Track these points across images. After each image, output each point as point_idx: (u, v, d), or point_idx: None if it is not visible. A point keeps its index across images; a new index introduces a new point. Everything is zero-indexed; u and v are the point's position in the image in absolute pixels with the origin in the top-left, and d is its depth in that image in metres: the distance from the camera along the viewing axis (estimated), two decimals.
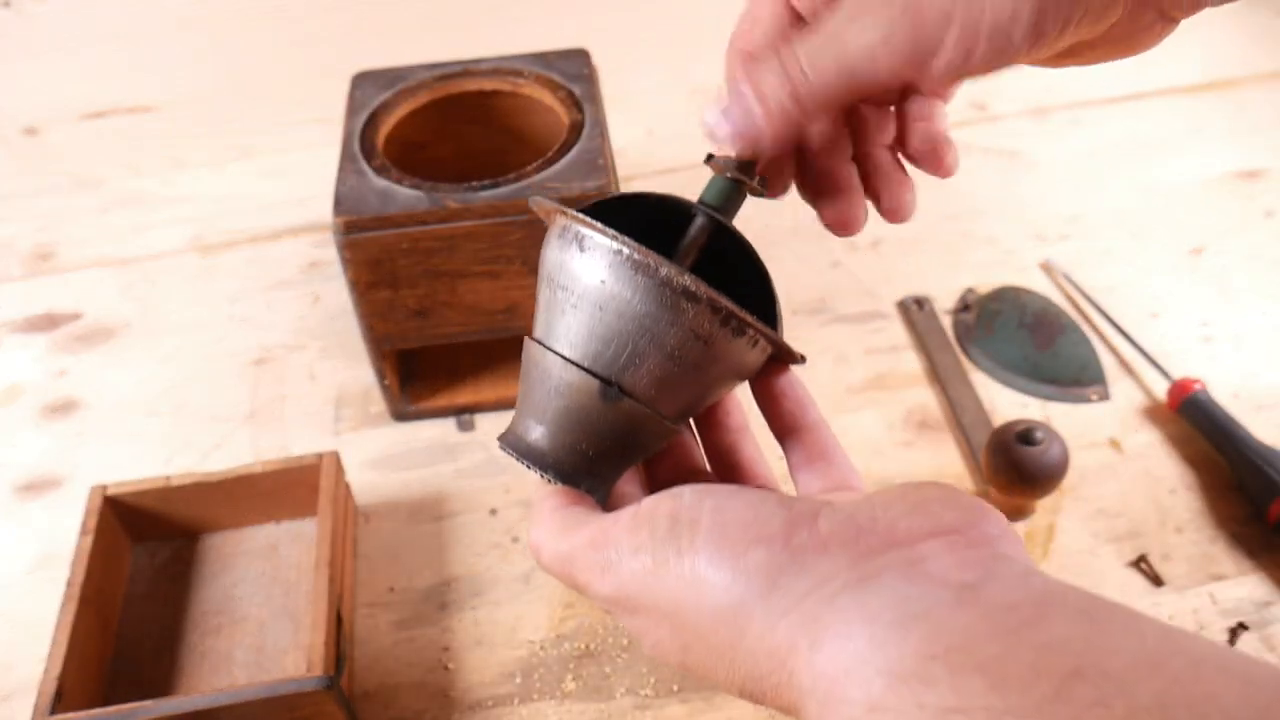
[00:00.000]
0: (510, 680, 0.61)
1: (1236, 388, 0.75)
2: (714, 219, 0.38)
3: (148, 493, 0.64)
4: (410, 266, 0.66)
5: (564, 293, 0.36)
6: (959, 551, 0.29)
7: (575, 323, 0.36)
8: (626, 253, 0.34)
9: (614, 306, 0.34)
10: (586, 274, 0.35)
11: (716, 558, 0.30)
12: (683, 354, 0.35)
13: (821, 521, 0.30)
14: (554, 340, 0.37)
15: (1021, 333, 0.78)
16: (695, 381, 0.36)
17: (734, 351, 0.35)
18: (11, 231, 0.97)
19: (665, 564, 0.31)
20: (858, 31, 0.33)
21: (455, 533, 0.69)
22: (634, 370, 0.35)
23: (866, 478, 0.70)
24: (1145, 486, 0.69)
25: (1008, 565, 0.28)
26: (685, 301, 0.34)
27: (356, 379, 0.80)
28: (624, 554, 0.32)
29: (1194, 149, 0.97)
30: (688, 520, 0.31)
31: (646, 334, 0.34)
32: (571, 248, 0.35)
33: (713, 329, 0.34)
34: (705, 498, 0.32)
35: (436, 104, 0.74)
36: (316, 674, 0.54)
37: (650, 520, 0.32)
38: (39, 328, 0.87)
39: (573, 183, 0.65)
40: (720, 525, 0.31)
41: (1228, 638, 0.61)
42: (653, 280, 0.34)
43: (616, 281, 0.34)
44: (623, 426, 0.36)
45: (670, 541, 0.31)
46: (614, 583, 0.33)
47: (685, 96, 1.08)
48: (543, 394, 0.37)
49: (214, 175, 1.02)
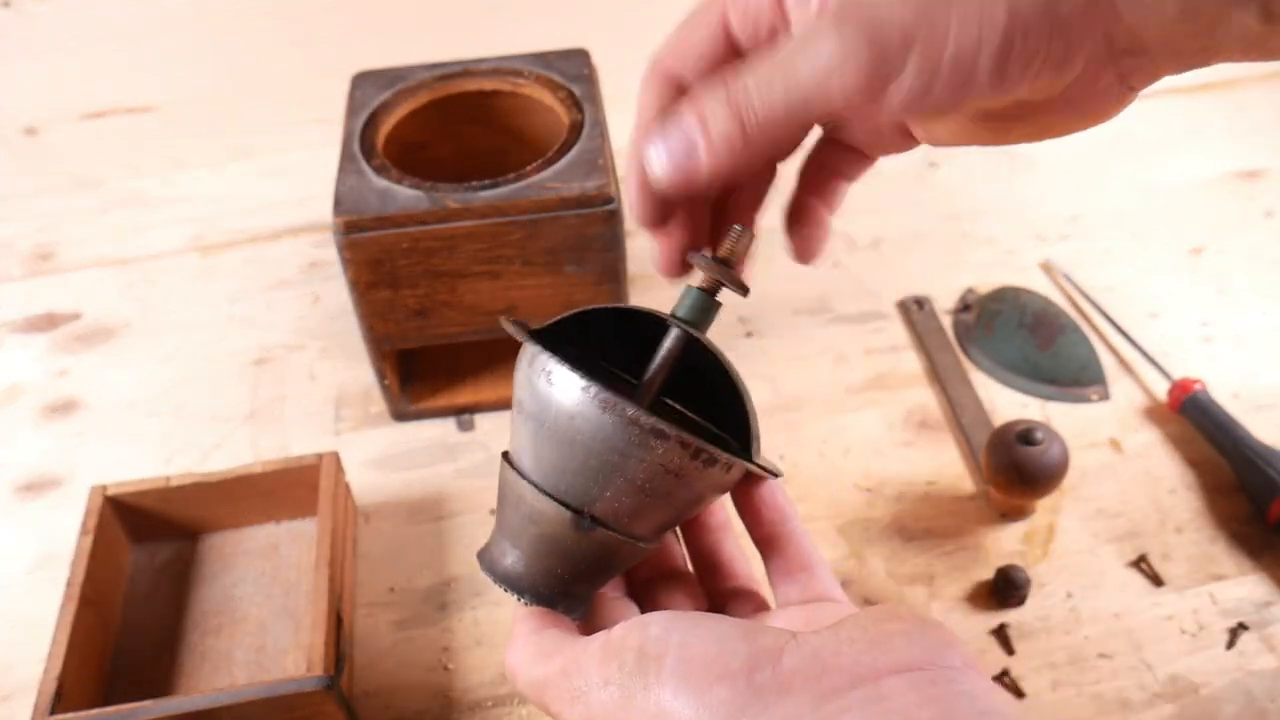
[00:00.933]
0: (510, 681, 0.61)
1: (1236, 387, 0.75)
2: (688, 334, 0.37)
3: (148, 493, 0.64)
4: (410, 266, 0.66)
5: (534, 422, 0.36)
6: (921, 689, 0.29)
7: (547, 452, 0.36)
8: (594, 391, 0.34)
9: (583, 441, 0.35)
10: (556, 407, 0.35)
11: (680, 693, 0.31)
12: (654, 487, 0.35)
13: (786, 658, 0.31)
14: (527, 467, 0.37)
15: (1021, 333, 0.78)
16: (669, 508, 0.36)
17: (707, 478, 0.36)
18: (12, 231, 0.97)
19: (632, 698, 0.32)
20: (811, 56, 0.31)
21: (455, 533, 0.69)
22: (606, 501, 0.35)
23: (866, 477, 0.70)
24: (1145, 486, 0.69)
25: (969, 702, 0.29)
26: (653, 439, 0.34)
27: (356, 379, 0.80)
28: (593, 685, 0.33)
29: (1194, 149, 0.97)
30: (654, 654, 0.32)
31: (616, 470, 0.35)
32: (541, 379, 0.35)
33: (683, 463, 0.35)
34: (672, 631, 0.32)
35: (436, 104, 0.74)
36: (316, 674, 0.54)
37: (619, 653, 0.33)
38: (39, 328, 0.87)
39: (573, 183, 0.65)
40: (685, 660, 0.31)
41: (1228, 638, 0.61)
42: (620, 419, 0.34)
43: (585, 418, 0.34)
44: (596, 552, 0.37)
45: (638, 676, 0.32)
46: (584, 713, 0.33)
47: None
48: (517, 519, 0.37)
49: (214, 175, 1.02)
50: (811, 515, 0.69)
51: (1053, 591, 0.64)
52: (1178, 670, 0.60)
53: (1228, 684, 0.59)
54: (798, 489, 0.70)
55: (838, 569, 0.66)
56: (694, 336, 0.37)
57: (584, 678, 0.33)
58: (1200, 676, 0.59)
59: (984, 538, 0.67)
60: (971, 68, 0.30)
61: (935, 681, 0.29)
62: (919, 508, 0.69)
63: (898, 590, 0.64)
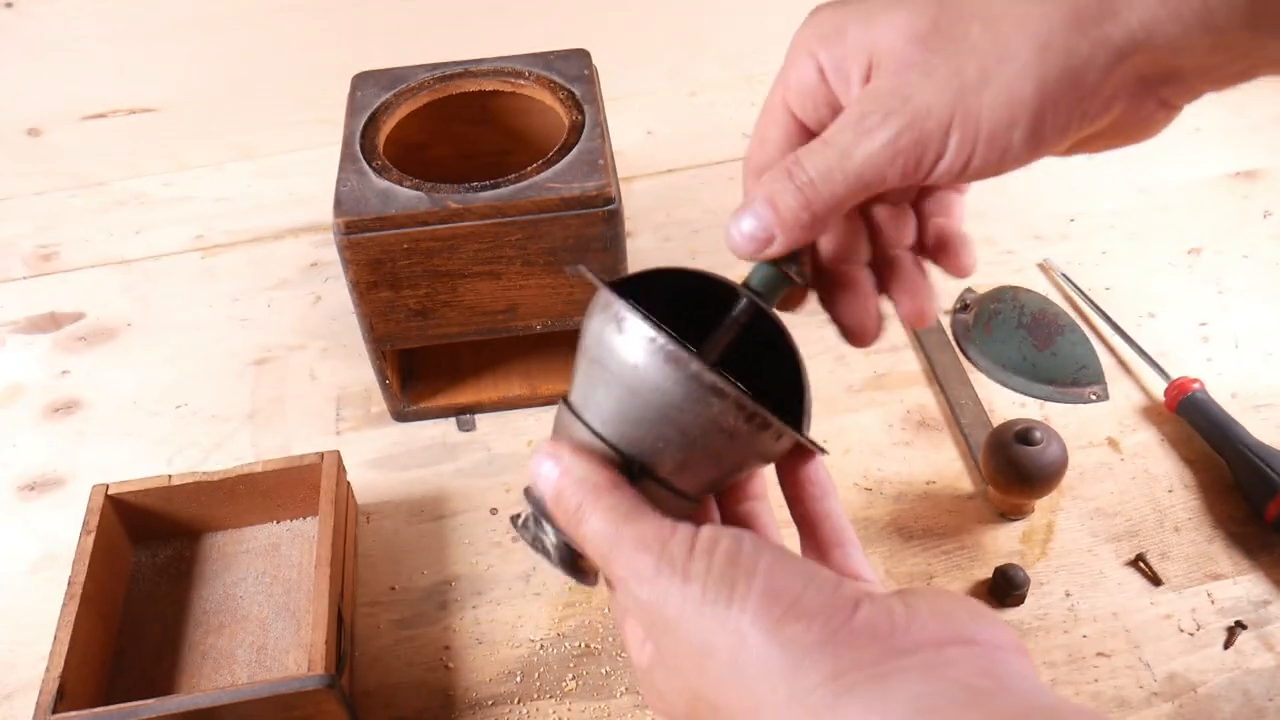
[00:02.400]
0: (511, 679, 0.62)
1: (1234, 387, 0.75)
2: (755, 304, 0.39)
3: (149, 492, 0.65)
4: (411, 267, 0.66)
5: (599, 368, 0.37)
6: (980, 662, 0.31)
7: (606, 399, 0.37)
8: (661, 342, 0.35)
9: (644, 391, 0.35)
10: (622, 355, 0.36)
11: (761, 618, 0.31)
12: (706, 444, 0.36)
13: (861, 611, 0.32)
14: (585, 410, 0.38)
15: (1020, 333, 0.78)
16: (717, 468, 0.37)
17: (758, 443, 0.36)
18: (14, 231, 0.97)
19: (714, 604, 0.32)
20: (861, 141, 0.34)
21: (456, 532, 0.70)
22: (657, 453, 0.36)
23: (866, 478, 0.71)
24: (1143, 486, 0.69)
25: (1022, 680, 0.30)
26: (712, 396, 0.35)
27: (357, 379, 0.80)
28: (677, 573, 0.33)
29: (1192, 149, 0.97)
30: (746, 567, 0.32)
31: (672, 422, 0.35)
32: (610, 326, 0.36)
33: (737, 424, 0.35)
34: (763, 550, 0.33)
35: (437, 104, 0.74)
36: (318, 673, 0.55)
37: (709, 551, 0.33)
38: (41, 327, 0.87)
39: (573, 183, 0.65)
40: (773, 587, 0.32)
41: (1226, 637, 0.61)
42: (683, 373, 0.35)
43: (649, 368, 0.35)
44: None
45: (725, 583, 0.32)
46: (659, 595, 0.33)
47: (685, 96, 1.09)
48: None
49: (215, 175, 1.03)
50: None
51: (1051, 590, 0.64)
52: (1176, 669, 0.60)
53: (1225, 683, 0.59)
54: None
55: None
56: (762, 308, 0.38)
57: (668, 560, 0.33)
58: (1198, 675, 0.59)
59: (983, 537, 0.67)
60: (1006, 142, 0.33)
61: (993, 658, 0.31)
62: (918, 507, 0.69)
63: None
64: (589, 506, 0.35)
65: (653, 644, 0.35)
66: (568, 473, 0.36)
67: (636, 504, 0.35)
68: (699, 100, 1.08)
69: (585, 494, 0.35)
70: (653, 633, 0.35)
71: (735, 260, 0.39)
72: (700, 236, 0.91)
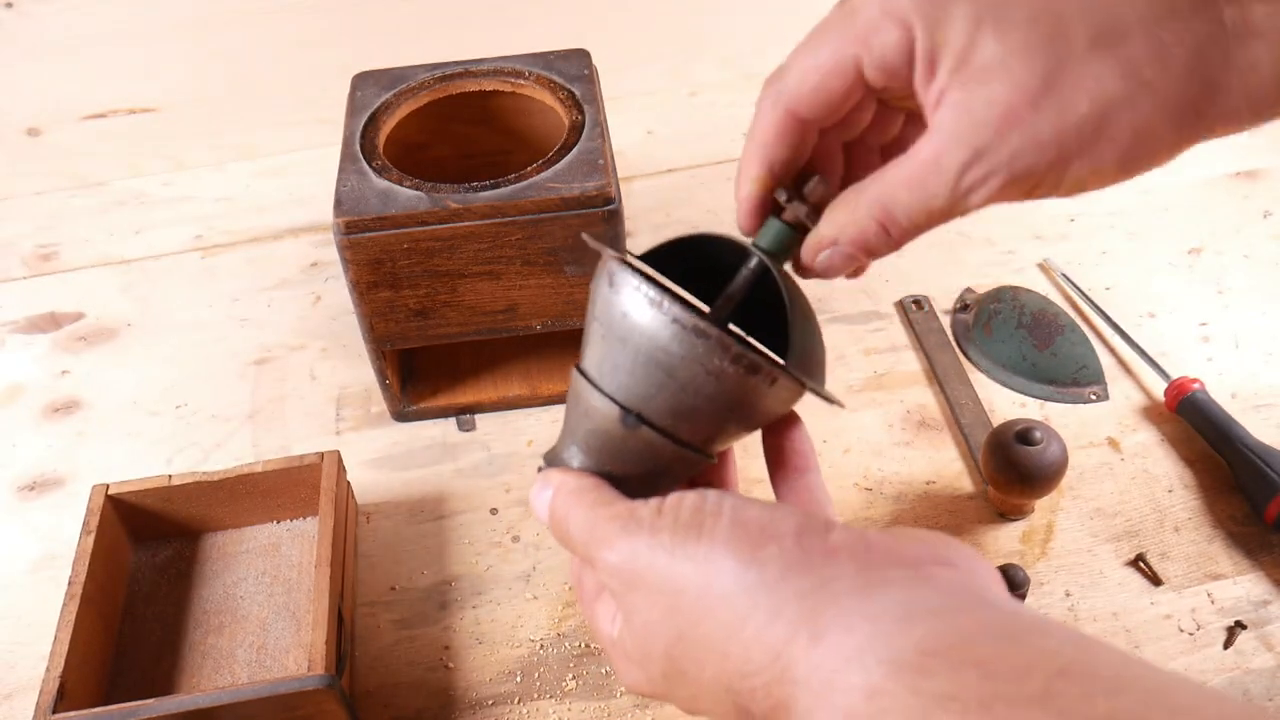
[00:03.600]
0: (511, 679, 0.62)
1: (1235, 387, 0.75)
2: (764, 261, 0.40)
3: (149, 492, 0.65)
4: (410, 267, 0.66)
5: (597, 324, 0.39)
6: (961, 578, 0.31)
7: (604, 353, 0.38)
8: (645, 289, 0.37)
9: (634, 340, 0.37)
10: (614, 308, 0.38)
11: (733, 546, 0.32)
12: (697, 387, 0.37)
13: (834, 533, 0.32)
14: (588, 367, 0.39)
15: (1020, 333, 0.78)
16: (714, 414, 0.38)
17: (750, 388, 0.37)
18: (14, 231, 0.97)
19: (683, 545, 0.33)
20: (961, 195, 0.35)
21: (456, 532, 0.70)
22: (652, 400, 0.37)
23: (865, 478, 0.71)
24: (1143, 486, 0.69)
25: (1003, 596, 0.31)
26: (695, 338, 0.36)
27: (357, 379, 0.80)
28: (644, 529, 0.34)
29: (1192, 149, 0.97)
30: (710, 512, 0.33)
31: (662, 368, 0.37)
32: (604, 282, 0.38)
33: (723, 365, 0.36)
34: (726, 498, 0.34)
35: (437, 104, 0.74)
36: (318, 673, 0.55)
37: (675, 508, 0.34)
38: (41, 327, 0.87)
39: (573, 183, 0.65)
40: (740, 521, 0.33)
41: (1226, 636, 0.61)
42: (666, 317, 0.36)
43: (636, 316, 0.37)
44: (644, 452, 0.38)
45: (691, 529, 0.33)
46: (627, 552, 0.34)
47: (685, 96, 1.09)
48: (576, 415, 0.40)
49: (215, 175, 1.03)
50: None
51: (1051, 590, 0.64)
52: (1176, 669, 0.60)
53: (1225, 683, 0.59)
54: None
55: None
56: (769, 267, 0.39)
57: (636, 522, 0.34)
58: (1198, 675, 0.59)
59: (983, 537, 0.67)
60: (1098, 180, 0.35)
61: (972, 577, 0.32)
62: (918, 507, 0.69)
63: None
64: (574, 505, 0.37)
65: (623, 609, 0.36)
66: (559, 489, 0.38)
67: (617, 496, 0.37)
68: (699, 100, 1.08)
69: (573, 500, 0.37)
70: (625, 596, 0.35)
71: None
72: None
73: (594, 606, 0.39)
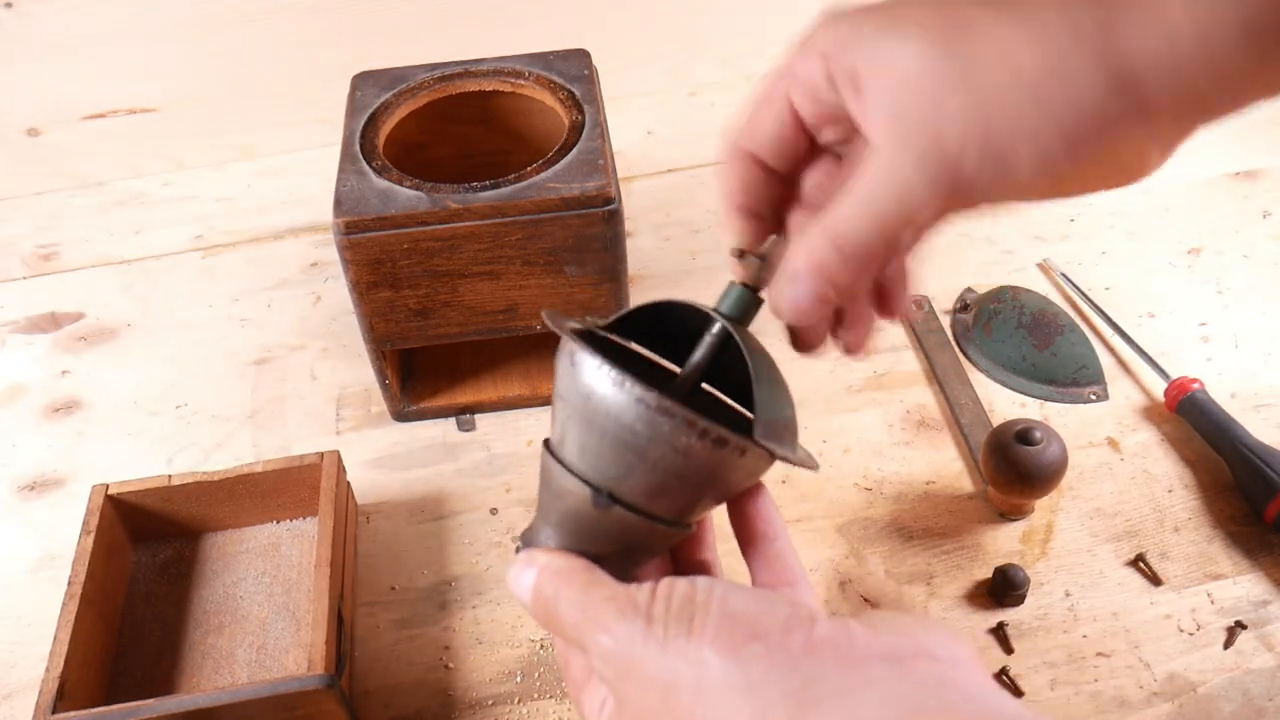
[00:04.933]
0: (511, 679, 0.62)
1: (1234, 387, 0.75)
2: (726, 327, 0.39)
3: (149, 492, 0.65)
4: (410, 267, 0.66)
5: (563, 403, 0.38)
6: (944, 671, 0.31)
7: (573, 433, 0.38)
8: (607, 370, 0.36)
9: (599, 421, 0.37)
10: (577, 388, 0.37)
11: (719, 644, 0.32)
12: (667, 465, 0.36)
13: (819, 626, 0.32)
14: (559, 447, 0.39)
15: (1020, 333, 0.78)
16: (689, 489, 0.38)
17: (721, 461, 0.37)
18: (14, 231, 0.97)
19: (674, 639, 0.33)
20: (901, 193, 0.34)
21: (456, 532, 0.70)
22: (623, 480, 0.37)
23: (865, 478, 0.71)
24: (1143, 486, 0.69)
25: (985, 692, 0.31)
26: (660, 417, 0.36)
27: (357, 379, 0.80)
28: (640, 616, 0.34)
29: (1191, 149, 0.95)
30: (700, 602, 0.34)
31: (629, 447, 0.36)
32: (565, 362, 0.38)
33: (690, 442, 0.36)
34: (717, 584, 0.34)
35: (437, 105, 0.74)
36: (318, 673, 0.55)
37: (667, 596, 0.34)
38: (41, 327, 0.87)
39: (573, 183, 0.65)
40: (729, 613, 0.33)
41: (1225, 637, 0.61)
42: (628, 397, 0.36)
43: (600, 397, 0.36)
44: (620, 531, 0.38)
45: (683, 619, 0.33)
46: (624, 639, 0.34)
47: (685, 96, 1.09)
48: (549, 496, 0.40)
49: (215, 175, 1.03)
50: (811, 514, 0.69)
51: (1051, 590, 0.64)
52: (1175, 669, 0.60)
53: (1225, 683, 0.59)
54: (798, 488, 0.70)
55: (837, 568, 0.66)
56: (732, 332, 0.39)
57: (632, 607, 0.34)
58: (1198, 675, 0.59)
59: (982, 537, 0.67)
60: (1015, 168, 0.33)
61: (955, 671, 0.31)
62: (918, 507, 0.69)
63: (897, 589, 0.65)
64: (564, 586, 0.37)
65: (615, 697, 0.36)
66: (544, 569, 0.38)
67: (608, 578, 0.37)
68: (699, 100, 1.08)
69: (561, 581, 0.37)
70: (618, 683, 0.35)
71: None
72: (700, 237, 0.91)
73: (582, 692, 0.39)
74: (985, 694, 0.31)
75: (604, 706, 0.37)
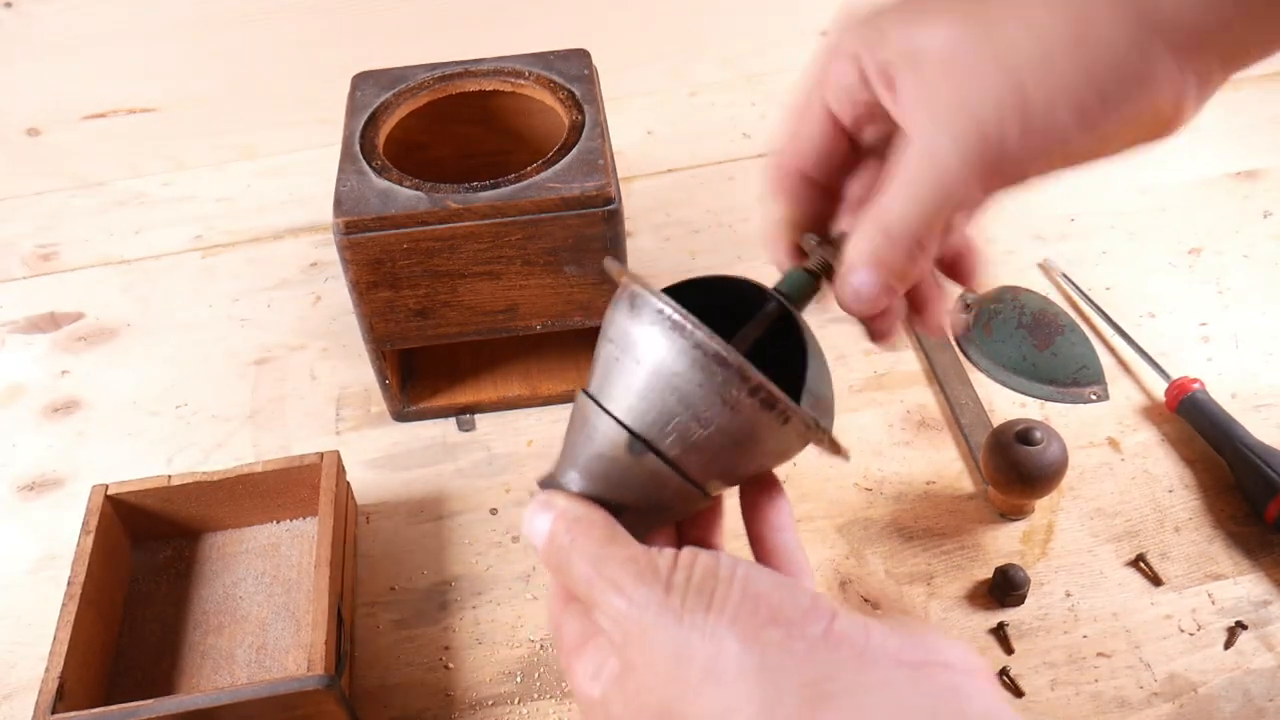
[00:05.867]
0: (511, 679, 0.62)
1: (1235, 387, 0.75)
2: (783, 306, 0.40)
3: (149, 492, 0.65)
4: (410, 266, 0.66)
5: (611, 346, 0.38)
6: (957, 680, 0.31)
7: (617, 376, 0.37)
8: (668, 313, 0.36)
9: (650, 363, 0.36)
10: (633, 330, 0.37)
11: (739, 625, 0.32)
12: (711, 418, 0.36)
13: (838, 620, 0.32)
14: (597, 390, 0.38)
15: (1020, 333, 0.78)
16: (723, 449, 0.37)
17: (763, 423, 0.36)
18: (13, 231, 0.97)
19: (693, 612, 0.32)
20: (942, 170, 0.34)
21: (456, 532, 0.70)
22: (663, 428, 0.36)
23: (865, 478, 0.71)
24: (1144, 486, 0.69)
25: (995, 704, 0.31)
26: (716, 366, 0.35)
27: (357, 379, 0.80)
28: (660, 582, 0.33)
29: (1192, 149, 0.97)
30: (724, 577, 0.33)
31: (677, 393, 0.36)
32: (624, 305, 0.38)
33: (740, 396, 0.35)
34: (740, 563, 0.34)
35: (437, 104, 0.74)
36: (317, 673, 0.55)
37: (689, 566, 0.34)
38: (41, 327, 0.87)
39: (573, 183, 0.65)
40: (751, 595, 0.32)
41: (1226, 637, 0.61)
42: (687, 342, 0.35)
43: (656, 339, 0.36)
44: (647, 483, 0.37)
45: (704, 592, 0.33)
46: (640, 602, 0.33)
47: (685, 96, 1.09)
48: (579, 439, 0.39)
49: (215, 175, 1.02)
50: (811, 515, 0.69)
51: (1051, 590, 0.64)
52: (1176, 669, 0.60)
53: (1226, 683, 0.59)
54: (798, 488, 0.70)
55: (838, 568, 0.66)
56: (788, 310, 0.39)
57: (651, 572, 0.34)
58: (1198, 675, 0.59)
59: (983, 537, 0.67)
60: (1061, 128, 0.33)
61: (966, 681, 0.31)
62: (918, 507, 0.69)
63: (897, 589, 0.64)
64: (580, 536, 0.36)
65: (620, 661, 0.35)
66: (562, 514, 0.37)
67: (626, 534, 0.36)
68: (699, 100, 1.08)
69: (579, 530, 0.36)
70: (625, 649, 0.34)
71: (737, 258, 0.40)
72: (700, 236, 0.91)
73: (575, 658, 0.37)
74: (999, 710, 0.31)
75: (600, 671, 0.36)
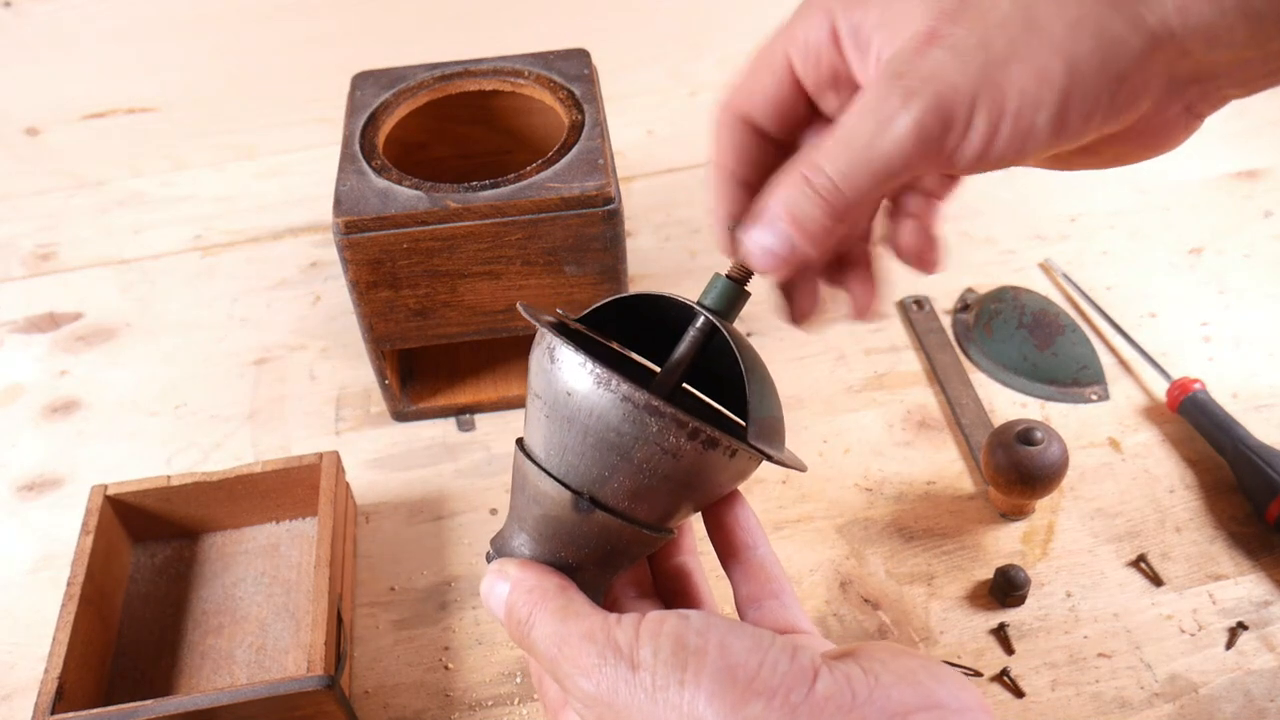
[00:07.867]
0: (510, 680, 0.61)
1: (1235, 387, 0.75)
2: (712, 321, 0.37)
3: (148, 492, 0.64)
4: (410, 266, 0.66)
5: (539, 401, 0.36)
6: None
7: (550, 432, 0.36)
8: (589, 366, 0.34)
9: (581, 419, 0.34)
10: (557, 386, 0.35)
11: (716, 701, 0.30)
12: (654, 467, 0.34)
13: (820, 682, 0.31)
14: (533, 448, 0.37)
15: (1021, 333, 0.78)
16: (674, 493, 0.36)
17: (709, 462, 0.35)
18: (13, 231, 0.97)
19: (665, 689, 0.31)
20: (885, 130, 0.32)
21: (455, 532, 0.69)
22: (605, 483, 0.35)
23: (866, 478, 0.71)
24: (1144, 486, 0.69)
25: None
26: (649, 417, 0.34)
27: (357, 379, 0.80)
28: (623, 660, 0.32)
29: (1192, 149, 0.95)
30: (695, 648, 0.31)
31: (615, 449, 0.34)
32: (544, 359, 0.36)
33: (680, 443, 0.34)
34: (711, 629, 0.32)
35: (436, 104, 0.74)
36: (317, 673, 0.54)
37: (655, 636, 0.32)
38: (40, 327, 0.87)
39: (573, 183, 0.65)
40: (725, 666, 0.31)
41: (1227, 637, 0.61)
42: (615, 395, 0.34)
43: (582, 395, 0.34)
44: (600, 537, 0.36)
45: (675, 667, 0.31)
46: (604, 686, 0.32)
47: (685, 96, 1.09)
48: (524, 500, 0.37)
49: (214, 175, 1.02)
50: (811, 515, 0.69)
51: (1052, 591, 0.64)
52: (1177, 670, 0.60)
53: (1227, 683, 0.59)
54: (798, 489, 0.70)
55: (838, 569, 0.66)
56: (718, 325, 0.37)
57: (612, 650, 0.32)
58: (1199, 676, 0.59)
59: (983, 537, 0.67)
60: (1030, 123, 0.31)
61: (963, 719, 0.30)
62: (919, 507, 0.69)
63: (897, 590, 0.64)
64: (538, 611, 0.35)
65: None
66: (517, 585, 0.35)
67: (585, 604, 0.35)
68: (699, 100, 1.08)
69: (534, 601, 0.35)
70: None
71: None
72: (700, 236, 0.91)
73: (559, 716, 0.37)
74: None
75: None
